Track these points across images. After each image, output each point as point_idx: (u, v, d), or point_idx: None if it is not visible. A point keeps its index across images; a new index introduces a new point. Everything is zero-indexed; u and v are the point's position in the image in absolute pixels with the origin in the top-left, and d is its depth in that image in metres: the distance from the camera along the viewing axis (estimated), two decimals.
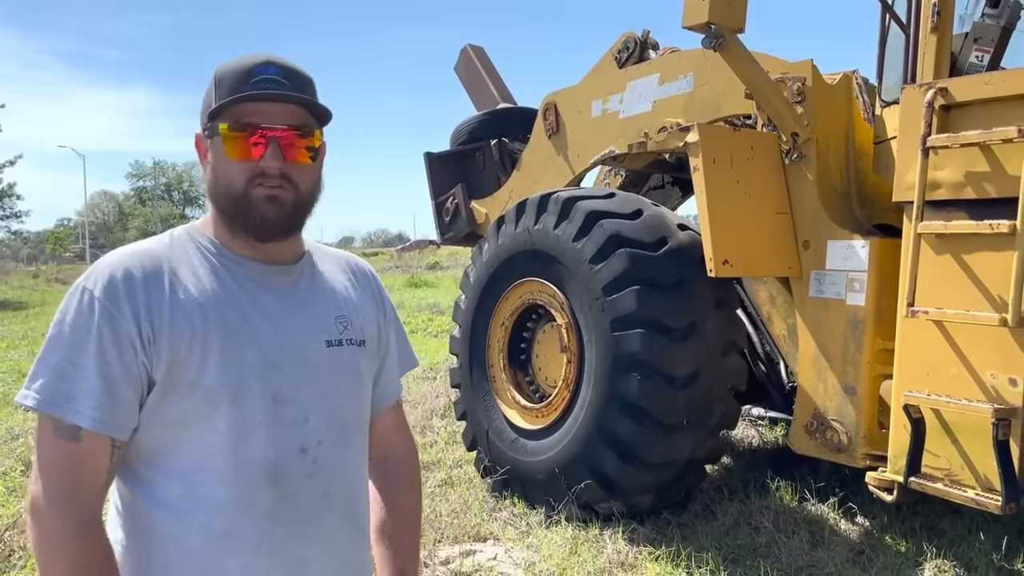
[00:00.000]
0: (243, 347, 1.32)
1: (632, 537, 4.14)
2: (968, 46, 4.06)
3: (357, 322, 1.49)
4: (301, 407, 1.37)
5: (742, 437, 5.94)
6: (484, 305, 5.08)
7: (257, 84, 1.32)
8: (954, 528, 4.19)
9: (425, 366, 9.12)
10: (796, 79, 4.22)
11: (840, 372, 3.97)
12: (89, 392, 1.23)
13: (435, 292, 19.55)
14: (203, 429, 1.30)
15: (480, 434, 5.05)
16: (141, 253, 1.33)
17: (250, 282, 1.37)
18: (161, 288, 1.29)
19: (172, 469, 1.30)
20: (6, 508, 4.76)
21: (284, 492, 1.35)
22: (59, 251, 57.11)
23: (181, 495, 1.30)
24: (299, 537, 1.37)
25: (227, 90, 1.32)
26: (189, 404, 1.28)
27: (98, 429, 1.24)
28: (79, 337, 1.25)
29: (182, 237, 1.39)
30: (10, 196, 25.36)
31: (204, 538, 1.30)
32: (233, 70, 1.34)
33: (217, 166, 1.35)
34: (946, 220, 3.34)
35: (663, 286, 4.16)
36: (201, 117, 1.38)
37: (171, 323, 1.28)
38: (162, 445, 1.30)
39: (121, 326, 1.25)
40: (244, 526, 1.32)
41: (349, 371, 1.46)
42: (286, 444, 1.35)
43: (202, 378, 1.28)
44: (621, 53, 5.61)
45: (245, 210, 1.34)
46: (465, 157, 6.75)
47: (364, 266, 1.63)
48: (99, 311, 1.25)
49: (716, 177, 4.05)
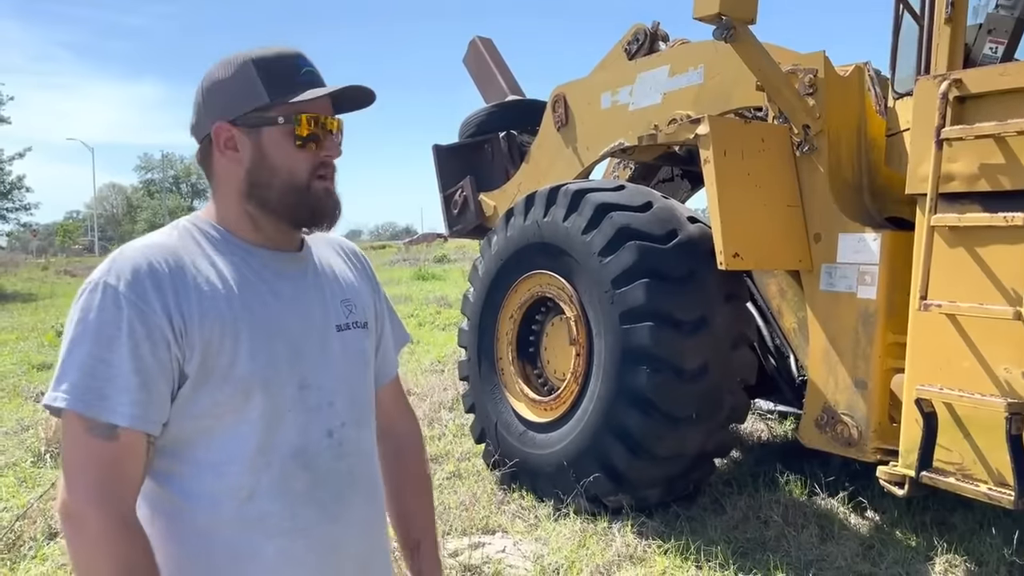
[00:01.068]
0: (271, 336, 1.33)
1: (641, 530, 4.14)
2: (982, 37, 4.02)
3: (359, 304, 1.52)
4: (325, 392, 1.39)
5: (751, 431, 5.92)
6: (493, 298, 5.07)
7: (305, 76, 1.35)
8: (965, 523, 4.17)
9: (433, 359, 9.13)
10: (808, 71, 4.18)
11: (851, 366, 3.94)
12: (124, 389, 1.21)
13: (443, 285, 19.54)
14: (236, 420, 1.30)
15: (488, 427, 5.04)
16: (159, 246, 1.31)
17: (265, 270, 1.38)
18: (186, 281, 1.28)
19: (203, 460, 1.30)
20: (16, 499, 4.78)
21: (315, 475, 1.37)
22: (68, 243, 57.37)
23: (212, 485, 1.30)
24: (332, 518, 1.39)
25: (283, 80, 1.33)
26: (222, 396, 1.29)
27: (135, 425, 1.22)
28: (108, 334, 1.22)
29: (190, 229, 1.38)
30: (19, 188, 25.43)
31: (238, 526, 1.31)
32: (275, 60, 1.35)
33: (276, 156, 1.35)
34: (960, 213, 3.31)
35: (673, 279, 4.14)
36: (226, 107, 1.35)
37: (201, 316, 1.27)
38: (193, 437, 1.30)
39: (152, 320, 1.23)
40: (278, 511, 1.33)
41: (358, 354, 1.49)
42: (314, 429, 1.37)
43: (234, 369, 1.29)
44: (631, 45, 5.58)
45: (305, 202, 1.36)
46: (474, 149, 6.72)
47: (352, 247, 1.64)
48: (127, 306, 1.23)
49: (727, 169, 4.03)
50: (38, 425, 6.01)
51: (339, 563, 1.41)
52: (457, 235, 6.97)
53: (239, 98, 1.34)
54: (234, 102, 1.35)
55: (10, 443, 5.95)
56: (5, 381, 8.47)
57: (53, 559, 3.91)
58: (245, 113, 1.34)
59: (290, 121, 1.34)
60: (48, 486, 4.75)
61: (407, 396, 1.82)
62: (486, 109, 6.84)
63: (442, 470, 5.14)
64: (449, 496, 4.63)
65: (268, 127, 1.34)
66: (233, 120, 1.35)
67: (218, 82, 1.36)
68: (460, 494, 4.65)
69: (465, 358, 5.35)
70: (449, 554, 3.84)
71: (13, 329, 13.04)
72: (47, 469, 5.31)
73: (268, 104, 1.33)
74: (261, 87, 1.33)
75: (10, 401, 7.50)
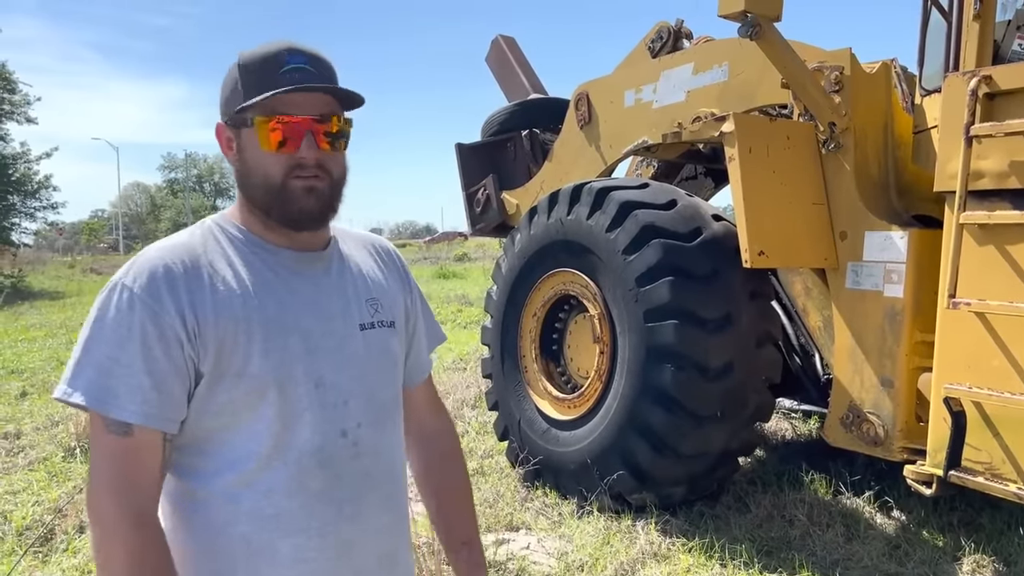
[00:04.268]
0: (285, 334, 1.34)
1: (665, 528, 4.14)
2: (1011, 33, 3.98)
3: (387, 303, 1.51)
4: (341, 391, 1.39)
5: (775, 429, 5.90)
6: (516, 296, 5.09)
7: (287, 74, 1.31)
8: (993, 523, 4.13)
9: (455, 356, 9.16)
10: (834, 68, 4.16)
11: (877, 364, 3.92)
12: (135, 388, 1.24)
13: (464, 283, 19.59)
14: (252, 417, 1.31)
15: (512, 424, 5.06)
16: (177, 247, 1.33)
17: (284, 270, 1.38)
18: (201, 281, 1.30)
19: (221, 457, 1.32)
20: (48, 493, 4.86)
21: (331, 475, 1.37)
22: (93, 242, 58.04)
23: (230, 482, 1.32)
24: (347, 518, 1.39)
25: (257, 80, 1.31)
26: (237, 393, 1.30)
27: (148, 423, 1.25)
28: (121, 334, 1.24)
29: (212, 229, 1.39)
30: (46, 188, 25.71)
31: (254, 522, 1.32)
32: (259, 59, 1.33)
33: (251, 158, 1.35)
34: (989, 210, 3.28)
35: (697, 277, 4.14)
36: (223, 106, 1.37)
37: (215, 315, 1.28)
38: (211, 434, 1.32)
39: (165, 321, 1.25)
40: (294, 509, 1.34)
41: (382, 353, 1.47)
42: (329, 428, 1.37)
43: (248, 367, 1.30)
44: (655, 43, 5.57)
45: (283, 202, 1.34)
46: (496, 148, 6.74)
47: (386, 244, 1.63)
48: (140, 307, 1.25)
49: (752, 167, 4.02)
50: (68, 420, 6.10)
51: (355, 563, 1.41)
52: (480, 233, 7.00)
53: (229, 98, 1.35)
54: (226, 102, 1.36)
55: (41, 438, 6.05)
56: (35, 377, 8.60)
57: (84, 552, 3.97)
58: (232, 114, 1.35)
59: (268, 122, 1.32)
60: (79, 481, 4.83)
61: None
62: (508, 108, 6.85)
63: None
64: (473, 493, 4.64)
65: (245, 128, 1.34)
66: (227, 121, 1.37)
67: (223, 82, 1.38)
68: (484, 491, 4.67)
69: (488, 356, 5.36)
70: None
71: (42, 326, 13.23)
72: (77, 464, 5.39)
73: (245, 105, 1.31)
74: (240, 87, 1.33)
75: (40, 397, 7.61)
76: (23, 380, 8.43)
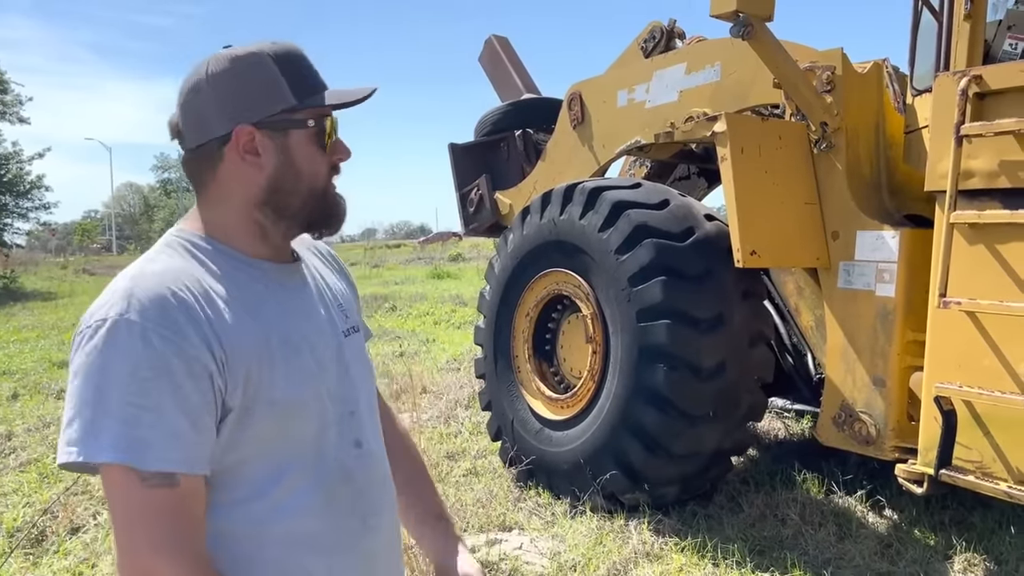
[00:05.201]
0: (299, 354, 1.28)
1: (658, 528, 4.14)
2: (1002, 34, 3.99)
3: (349, 308, 1.48)
4: (348, 402, 1.37)
5: (768, 429, 5.91)
6: (509, 296, 5.09)
7: (319, 77, 1.31)
8: (984, 522, 4.14)
9: (449, 357, 9.16)
10: (825, 68, 4.17)
11: (869, 364, 3.93)
12: (173, 433, 1.12)
13: (458, 284, 19.58)
14: (278, 441, 1.25)
15: (505, 424, 5.06)
16: (172, 272, 1.20)
17: (272, 283, 1.31)
18: (216, 306, 1.20)
19: (248, 484, 1.24)
20: (39, 494, 4.85)
21: (355, 488, 1.35)
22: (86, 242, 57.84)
23: (259, 507, 1.25)
24: (371, 530, 1.37)
25: (304, 80, 1.28)
26: (266, 421, 1.23)
27: (192, 470, 1.15)
28: (141, 376, 1.11)
29: (187, 246, 1.27)
30: (39, 188, 25.67)
31: (286, 545, 1.27)
32: (294, 59, 1.29)
33: (302, 162, 1.29)
34: (979, 210, 3.29)
35: (690, 276, 4.14)
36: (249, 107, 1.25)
37: (238, 340, 1.20)
38: (237, 464, 1.23)
39: (191, 354, 1.14)
40: (324, 527, 1.30)
41: (362, 357, 1.46)
42: (346, 441, 1.35)
43: (274, 393, 1.23)
44: (647, 43, 5.58)
45: (325, 206, 1.32)
46: (489, 148, 6.73)
47: (328, 248, 1.58)
48: (159, 342, 1.12)
49: (744, 167, 4.02)
50: (59, 422, 6.07)
51: (375, 573, 1.40)
52: (473, 233, 6.99)
53: (262, 99, 1.25)
54: (256, 103, 1.25)
55: (32, 439, 6.03)
56: (27, 378, 8.57)
57: (75, 554, 3.96)
58: (272, 115, 1.26)
59: (320, 124, 1.29)
60: (70, 482, 4.81)
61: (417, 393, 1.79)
62: (502, 107, 6.85)
63: (459, 467, 5.16)
64: (466, 493, 4.64)
65: (296, 130, 1.27)
66: (257, 123, 1.25)
67: (235, 79, 1.25)
68: (477, 491, 4.67)
69: (481, 356, 5.36)
70: None
71: (34, 327, 13.19)
72: None
73: (295, 106, 1.26)
74: (287, 88, 1.26)
75: (31, 398, 7.59)
76: (15, 381, 8.40)
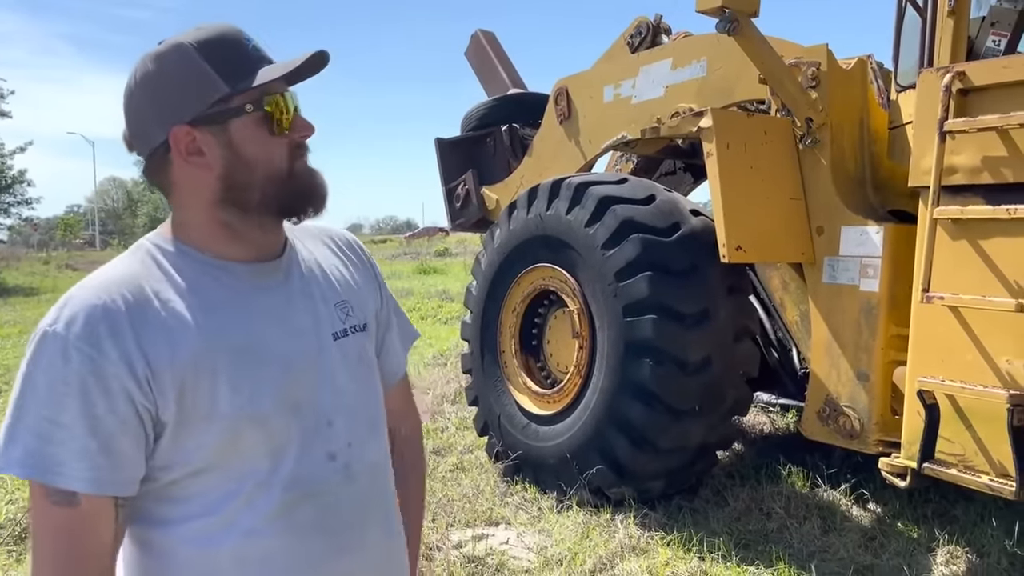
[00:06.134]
0: (253, 363, 1.19)
1: (644, 522, 4.16)
2: (985, 30, 4.03)
3: (357, 305, 1.37)
4: (322, 411, 1.26)
5: (753, 423, 5.94)
6: (496, 291, 5.09)
7: (255, 53, 1.20)
8: (966, 514, 4.18)
9: (435, 352, 9.14)
10: (811, 64, 4.18)
11: (853, 358, 3.95)
12: (79, 453, 1.08)
13: (444, 279, 19.57)
14: (227, 457, 1.18)
15: (492, 419, 5.06)
16: (114, 281, 1.15)
17: (242, 285, 1.23)
18: (148, 317, 1.13)
19: (196, 502, 1.19)
20: (22, 491, 4.80)
21: (321, 504, 1.25)
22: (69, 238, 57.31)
23: (208, 526, 1.18)
24: (344, 550, 1.28)
25: (235, 64, 1.17)
26: (208, 437, 1.16)
27: (97, 491, 1.10)
28: (57, 391, 1.07)
29: (152, 252, 1.22)
30: (21, 183, 25.44)
31: (238, 567, 1.20)
32: (219, 43, 1.18)
33: (250, 151, 1.20)
34: (962, 205, 3.31)
35: (675, 272, 4.15)
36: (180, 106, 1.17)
37: (171, 354, 1.13)
38: (183, 480, 1.18)
39: (108, 371, 1.09)
40: (283, 547, 1.22)
41: (360, 362, 1.35)
42: (315, 454, 1.25)
43: (216, 407, 1.15)
44: (633, 38, 5.58)
45: (290, 188, 1.22)
46: (476, 143, 6.73)
47: (347, 236, 1.47)
48: (77, 358, 1.08)
49: (729, 162, 4.03)
50: None
51: None
52: (460, 228, 6.99)
53: (192, 94, 1.17)
54: (187, 100, 1.17)
55: None
56: (8, 375, 8.48)
57: None
58: (205, 109, 1.17)
59: (260, 107, 1.19)
60: None
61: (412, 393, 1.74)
62: (488, 102, 6.84)
63: (445, 463, 5.16)
64: (452, 488, 4.65)
65: (236, 119, 1.18)
66: (192, 121, 1.18)
67: (161, 80, 1.18)
68: (464, 486, 4.67)
69: (468, 351, 5.36)
70: (453, 546, 3.86)
71: (16, 323, 13.06)
72: None
73: (230, 93, 1.17)
74: (215, 76, 1.16)
75: None
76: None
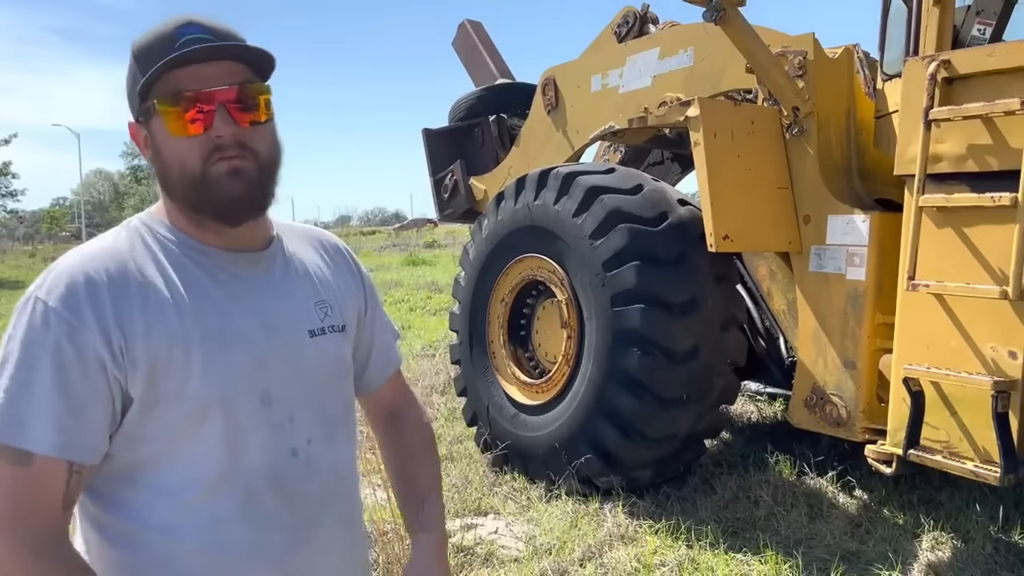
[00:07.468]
0: (227, 348, 1.21)
1: (632, 511, 4.17)
2: (971, 19, 4.05)
3: (336, 306, 1.39)
4: (287, 406, 1.27)
5: (741, 412, 5.96)
6: (484, 281, 5.08)
7: (182, 47, 1.17)
8: (952, 500, 4.22)
9: (424, 343, 9.14)
10: (797, 53, 4.19)
11: (840, 346, 3.97)
12: (47, 415, 1.09)
13: (433, 270, 19.54)
14: (193, 441, 1.19)
15: (480, 410, 5.06)
16: (100, 253, 1.19)
17: (222, 273, 1.25)
18: (129, 291, 1.15)
19: (158, 485, 1.19)
20: None
21: (283, 498, 1.26)
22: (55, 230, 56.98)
23: (170, 511, 1.19)
24: (302, 543, 1.29)
25: (151, 63, 1.17)
26: (174, 417, 1.17)
27: (56, 453, 1.10)
28: (32, 353, 1.10)
29: (140, 229, 1.25)
30: (6, 175, 25.25)
31: (201, 554, 1.20)
32: (151, 40, 1.20)
33: (165, 149, 1.21)
34: (948, 193, 3.33)
35: (663, 261, 4.16)
36: (130, 102, 1.23)
37: (146, 329, 1.14)
38: (145, 461, 1.18)
39: (85, 339, 1.11)
40: (244, 537, 1.23)
41: (333, 361, 1.37)
42: (279, 448, 1.26)
43: (187, 387, 1.16)
44: (621, 28, 5.57)
45: (208, 192, 1.19)
46: (463, 133, 6.71)
47: (334, 240, 1.50)
48: (56, 323, 1.11)
49: (717, 152, 4.04)
50: None
51: None
52: (448, 219, 6.97)
53: (130, 93, 1.23)
54: (131, 97, 1.23)
55: None
56: None
57: None
58: (136, 108, 1.22)
59: (170, 105, 1.18)
60: None
61: None
62: (475, 93, 6.82)
63: None
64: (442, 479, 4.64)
65: (153, 118, 1.20)
66: (136, 118, 1.24)
67: (127, 76, 1.24)
68: (452, 476, 4.67)
69: (457, 342, 5.36)
70: None
71: (2, 315, 12.98)
72: None
73: (146, 90, 1.18)
74: (139, 75, 1.18)
75: None
76: None
